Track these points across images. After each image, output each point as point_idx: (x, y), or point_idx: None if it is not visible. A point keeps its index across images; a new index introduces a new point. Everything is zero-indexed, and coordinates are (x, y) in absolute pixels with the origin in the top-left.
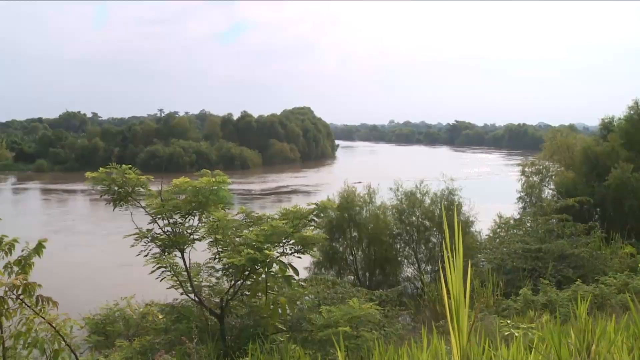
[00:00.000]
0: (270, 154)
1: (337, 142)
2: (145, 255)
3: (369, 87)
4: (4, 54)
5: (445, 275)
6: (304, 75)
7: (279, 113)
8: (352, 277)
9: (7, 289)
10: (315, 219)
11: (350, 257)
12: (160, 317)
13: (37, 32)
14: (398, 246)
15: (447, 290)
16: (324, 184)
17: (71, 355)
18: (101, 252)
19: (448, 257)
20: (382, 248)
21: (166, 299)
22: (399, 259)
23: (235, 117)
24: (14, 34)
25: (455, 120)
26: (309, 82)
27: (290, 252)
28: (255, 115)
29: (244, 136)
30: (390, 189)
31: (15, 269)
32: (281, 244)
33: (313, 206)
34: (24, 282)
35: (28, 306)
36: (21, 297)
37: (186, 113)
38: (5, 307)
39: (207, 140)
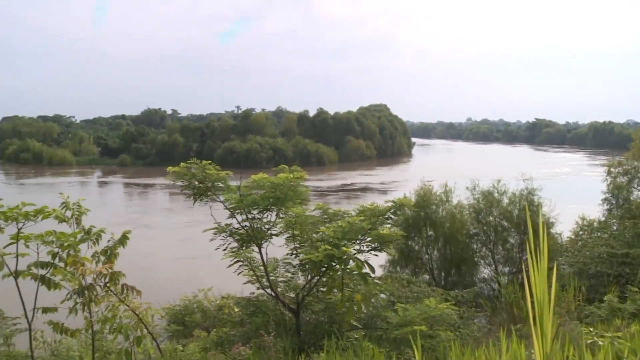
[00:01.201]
0: (346, 151)
1: (413, 139)
2: (224, 250)
3: (446, 83)
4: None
5: (527, 278)
6: (379, 71)
7: (355, 110)
8: (427, 277)
9: (95, 276)
10: (392, 216)
11: (426, 256)
12: (236, 310)
13: (120, 33)
14: (474, 246)
15: (530, 293)
16: (394, 182)
17: (152, 342)
18: (179, 244)
19: (531, 258)
20: (458, 248)
21: (242, 293)
22: (475, 259)
23: (311, 114)
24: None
25: (535, 118)
26: (384, 78)
27: (366, 249)
28: (332, 112)
29: (320, 133)
30: (467, 187)
31: (102, 258)
32: (358, 241)
33: (390, 204)
34: (111, 270)
35: (114, 294)
36: (108, 285)
37: (263, 110)
38: (94, 293)
39: (284, 136)
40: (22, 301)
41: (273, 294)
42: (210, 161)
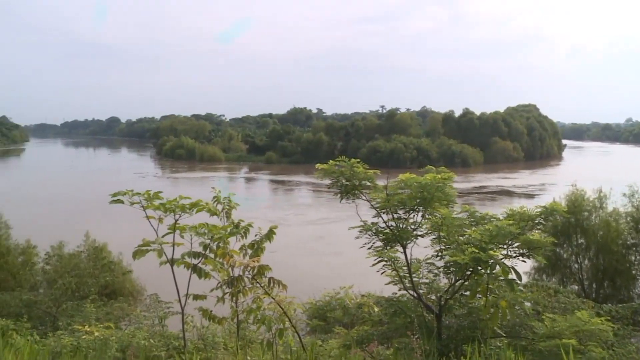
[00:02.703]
0: (492, 153)
1: (564, 141)
2: (368, 248)
3: (603, 81)
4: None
5: None
6: (528, 70)
7: (502, 110)
8: (576, 287)
9: (243, 268)
10: (543, 222)
11: (575, 265)
12: (376, 309)
13: (269, 35)
14: (632, 258)
15: None
16: (533, 186)
17: (294, 335)
18: (319, 240)
19: None
20: (613, 258)
21: (381, 292)
22: (633, 272)
23: (456, 114)
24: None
25: None
26: (533, 77)
27: (514, 254)
28: (478, 112)
29: (465, 133)
30: (624, 194)
31: (249, 251)
32: (505, 246)
33: (540, 209)
34: (258, 264)
35: (261, 286)
36: (255, 277)
37: (407, 109)
38: (243, 285)
39: (428, 136)
40: (177, 287)
41: (415, 295)
42: (358, 160)
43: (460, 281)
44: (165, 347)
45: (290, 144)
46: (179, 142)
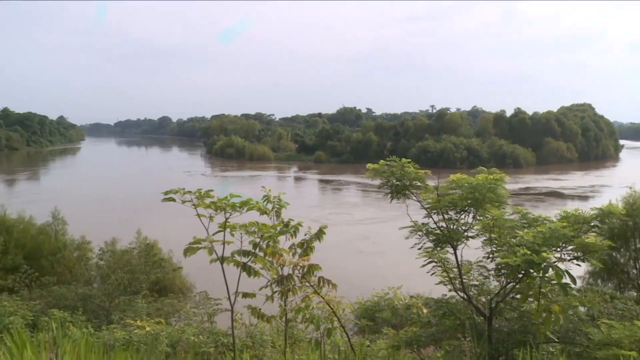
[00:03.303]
0: (545, 153)
1: (621, 142)
2: (419, 249)
3: None
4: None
5: None
6: (582, 68)
7: (555, 110)
8: (635, 294)
9: (292, 267)
10: (599, 224)
11: (634, 271)
12: (424, 310)
13: (318, 35)
14: None
15: None
16: (584, 187)
17: (343, 335)
18: (367, 241)
19: None
20: None
21: (430, 293)
22: None
23: (508, 114)
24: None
25: None
26: (588, 75)
27: (568, 258)
28: (530, 112)
29: (517, 134)
30: None
31: (299, 250)
32: (559, 249)
33: (596, 211)
34: (308, 263)
35: (310, 285)
36: (305, 276)
37: (458, 109)
38: (292, 283)
39: (479, 137)
40: (227, 285)
41: (465, 297)
42: (409, 160)
43: (512, 284)
44: (214, 344)
45: (339, 143)
46: (229, 141)
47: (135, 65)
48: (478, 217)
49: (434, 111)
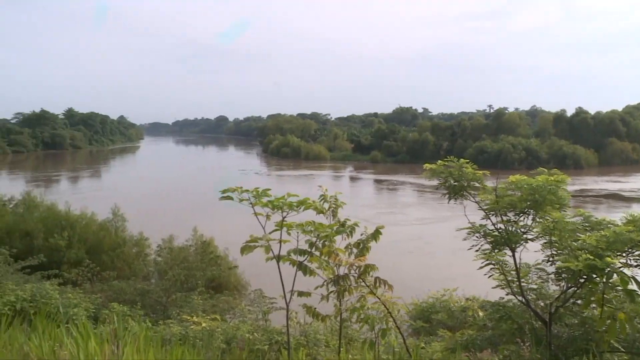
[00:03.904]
0: (608, 154)
1: None
2: (476, 251)
3: None
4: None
5: None
6: None
7: (620, 109)
8: None
9: (349, 267)
10: None
11: None
12: (480, 313)
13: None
14: None
15: None
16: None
17: (397, 336)
18: (420, 242)
19: None
20: None
21: (486, 296)
22: None
23: (568, 114)
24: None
25: None
26: None
27: (635, 264)
28: (592, 111)
29: (578, 134)
30: None
31: (354, 250)
32: (625, 254)
33: None
34: (364, 263)
35: (367, 285)
36: (361, 276)
37: (516, 109)
38: (348, 283)
39: (538, 137)
40: (282, 283)
41: (523, 300)
42: (467, 160)
43: (573, 289)
44: (268, 342)
45: (395, 143)
46: (285, 140)
47: (194, 66)
48: (538, 219)
49: (492, 111)
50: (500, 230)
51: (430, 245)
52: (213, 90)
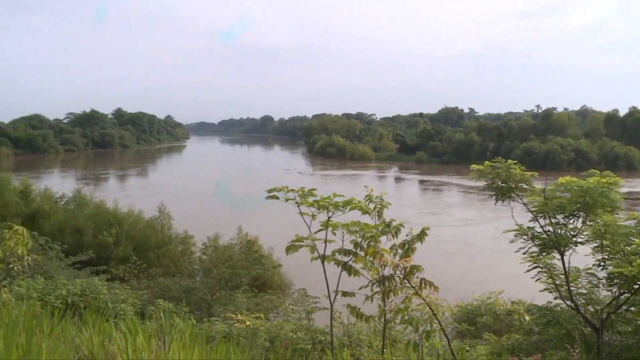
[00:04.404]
0: None
1: None
2: (523, 253)
3: None
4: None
5: None
6: None
7: None
8: None
9: (394, 268)
10: None
11: None
12: (526, 317)
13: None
14: None
15: None
16: None
17: (442, 338)
18: (461, 243)
19: None
20: None
21: (532, 300)
22: None
23: (621, 113)
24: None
25: None
26: None
27: None
28: None
29: (631, 134)
30: None
31: (399, 251)
32: None
33: None
34: (410, 264)
35: (412, 286)
36: (407, 277)
37: (565, 109)
38: (394, 284)
39: (588, 137)
40: (327, 283)
41: (572, 305)
42: (515, 161)
43: (626, 295)
44: (311, 341)
45: (440, 144)
46: (330, 140)
47: (241, 66)
48: (588, 222)
49: (540, 111)
50: (548, 233)
51: (473, 246)
52: (259, 90)
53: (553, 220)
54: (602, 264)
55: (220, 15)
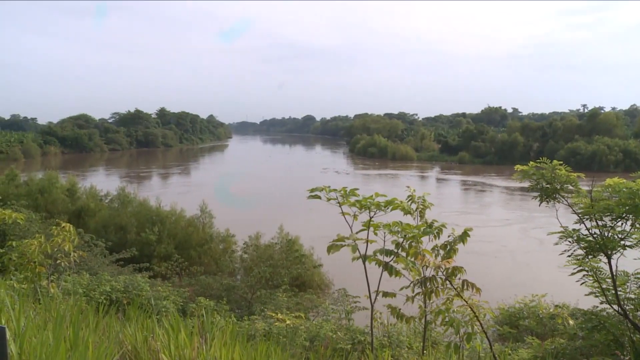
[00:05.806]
0: None
1: None
2: (568, 256)
3: None
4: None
5: None
6: None
7: None
8: None
9: (436, 269)
10: None
11: None
12: (570, 321)
13: (465, 33)
14: None
15: None
16: None
17: (483, 341)
18: (508, 246)
19: None
20: None
21: (577, 304)
22: None
23: None
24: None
25: None
26: None
27: None
28: None
29: None
30: None
31: (441, 252)
32: None
33: None
34: (452, 265)
35: (454, 288)
36: (449, 279)
37: (613, 108)
38: (435, 285)
39: (637, 138)
40: (368, 283)
41: (620, 310)
42: (560, 162)
43: None
44: (351, 341)
45: (483, 144)
46: (372, 140)
47: (283, 66)
48: (637, 225)
49: (586, 111)
50: (595, 236)
51: (514, 248)
52: (301, 90)
53: (600, 223)
54: None
55: (266, 17)
